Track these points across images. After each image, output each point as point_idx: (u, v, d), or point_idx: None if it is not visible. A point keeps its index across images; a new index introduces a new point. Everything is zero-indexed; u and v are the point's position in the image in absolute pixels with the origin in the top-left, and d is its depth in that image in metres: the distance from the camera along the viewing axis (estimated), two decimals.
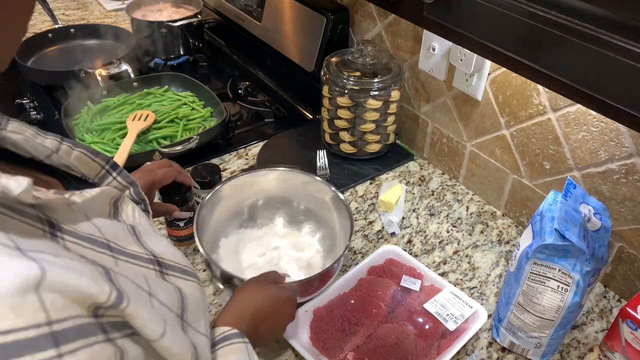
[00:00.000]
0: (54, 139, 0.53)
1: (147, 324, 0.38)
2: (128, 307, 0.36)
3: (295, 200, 0.95)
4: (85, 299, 0.33)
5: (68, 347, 0.31)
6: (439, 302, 0.82)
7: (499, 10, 0.55)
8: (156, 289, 0.43)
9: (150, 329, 0.38)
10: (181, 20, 1.47)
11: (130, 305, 0.36)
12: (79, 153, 0.54)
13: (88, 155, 0.55)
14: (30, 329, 0.29)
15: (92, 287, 0.34)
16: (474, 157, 1.07)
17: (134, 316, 0.37)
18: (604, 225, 0.72)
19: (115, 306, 0.35)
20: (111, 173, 0.56)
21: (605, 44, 0.47)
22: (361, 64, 1.07)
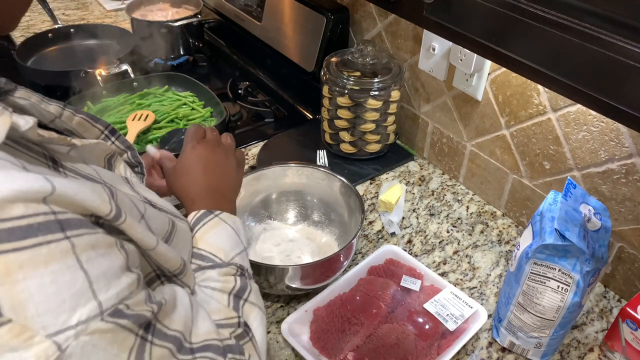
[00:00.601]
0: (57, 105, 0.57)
1: (142, 236, 0.43)
2: (124, 222, 0.41)
3: (307, 194, 0.98)
4: (87, 210, 0.37)
5: (73, 232, 0.35)
6: (439, 302, 0.82)
7: (499, 10, 0.55)
8: (150, 215, 0.49)
9: (145, 240, 0.43)
10: (181, 20, 1.47)
11: (127, 221, 0.41)
12: (80, 119, 0.59)
13: (88, 121, 0.60)
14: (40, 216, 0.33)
15: (96, 201, 0.38)
16: (474, 157, 1.07)
17: (130, 230, 0.41)
18: (604, 225, 0.72)
19: (114, 220, 0.40)
20: (110, 137, 0.62)
21: (605, 44, 0.47)
22: (361, 64, 1.07)
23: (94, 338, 0.34)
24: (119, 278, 0.37)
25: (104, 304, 0.35)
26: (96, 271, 0.35)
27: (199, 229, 0.61)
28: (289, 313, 0.81)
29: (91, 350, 0.34)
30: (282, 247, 0.93)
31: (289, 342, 0.77)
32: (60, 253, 0.33)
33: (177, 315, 0.44)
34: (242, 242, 0.62)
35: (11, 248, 0.31)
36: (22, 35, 1.59)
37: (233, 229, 0.62)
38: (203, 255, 0.58)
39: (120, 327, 0.36)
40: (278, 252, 0.91)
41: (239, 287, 0.56)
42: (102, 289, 0.35)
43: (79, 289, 0.34)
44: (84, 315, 0.33)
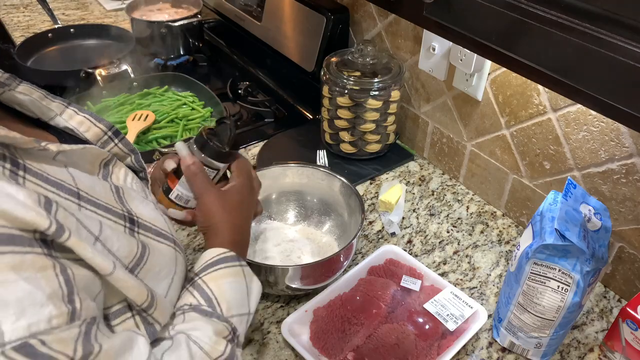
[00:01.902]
0: (60, 102, 0.55)
1: (94, 259, 0.40)
2: (69, 240, 0.38)
3: (307, 194, 0.98)
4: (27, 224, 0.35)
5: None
6: (439, 302, 0.82)
7: (499, 10, 0.55)
8: (109, 236, 0.45)
9: (98, 264, 0.41)
10: (181, 20, 1.47)
11: (72, 239, 0.38)
12: (82, 118, 0.56)
13: (91, 120, 0.57)
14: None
15: (31, 215, 0.36)
16: (474, 157, 1.07)
17: (78, 249, 0.39)
18: (604, 225, 0.72)
19: (57, 237, 0.37)
20: (113, 139, 0.59)
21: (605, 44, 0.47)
22: (361, 64, 1.07)
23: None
24: (41, 307, 0.33)
25: (7, 335, 0.30)
26: (9, 296, 0.31)
27: (219, 269, 0.57)
28: (289, 313, 0.81)
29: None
30: (282, 247, 0.93)
31: (289, 342, 0.77)
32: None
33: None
34: (249, 307, 0.58)
35: None
36: (22, 35, 1.59)
37: (247, 289, 0.58)
38: (208, 296, 0.54)
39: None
40: (278, 252, 0.91)
41: (225, 356, 0.52)
42: (9, 317, 0.31)
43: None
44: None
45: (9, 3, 1.85)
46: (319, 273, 0.83)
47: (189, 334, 0.51)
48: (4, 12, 1.79)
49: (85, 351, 0.35)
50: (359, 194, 0.89)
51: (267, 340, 0.80)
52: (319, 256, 0.91)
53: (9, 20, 1.74)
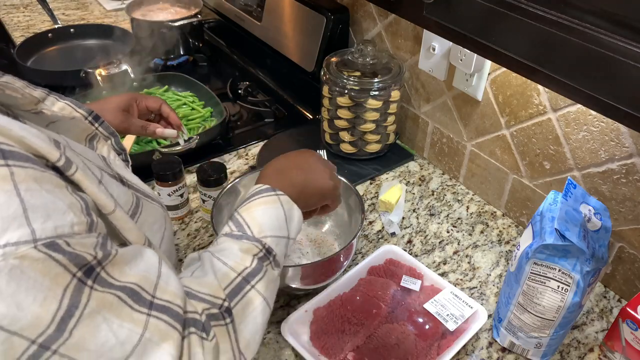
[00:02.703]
0: (42, 90, 0.58)
1: (98, 195, 0.43)
2: (76, 174, 0.41)
3: None
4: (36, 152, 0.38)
5: (16, 162, 0.35)
6: (439, 302, 0.82)
7: (499, 10, 0.55)
8: (109, 182, 0.48)
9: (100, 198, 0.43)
10: (181, 20, 1.47)
11: (78, 173, 0.41)
12: (63, 104, 0.60)
13: (72, 106, 0.60)
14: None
15: (43, 147, 0.38)
16: (474, 157, 1.07)
17: (84, 185, 0.41)
18: (604, 225, 0.72)
19: (65, 169, 0.40)
20: (94, 124, 0.62)
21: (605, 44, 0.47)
22: (361, 64, 1.07)
23: (24, 264, 0.33)
24: (63, 214, 0.36)
25: (37, 233, 0.34)
26: (35, 201, 0.34)
27: (254, 200, 0.58)
28: (289, 313, 0.81)
29: (20, 275, 0.33)
30: None
31: (289, 342, 0.77)
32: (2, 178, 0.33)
33: (132, 270, 0.42)
34: (288, 230, 0.59)
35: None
36: (22, 35, 1.59)
37: (285, 214, 0.59)
38: (239, 222, 0.56)
39: (54, 260, 0.34)
40: None
41: (251, 269, 0.53)
42: (38, 219, 0.34)
43: (11, 213, 0.33)
44: (14, 238, 0.33)
45: (9, 3, 1.85)
46: (319, 273, 0.83)
47: (215, 253, 0.53)
48: (4, 12, 1.79)
49: (104, 253, 0.39)
50: (359, 194, 0.89)
51: (267, 340, 0.80)
52: (319, 256, 0.91)
53: (9, 20, 1.74)
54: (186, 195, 0.99)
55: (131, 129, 0.87)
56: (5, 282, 0.32)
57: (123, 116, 0.85)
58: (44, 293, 0.34)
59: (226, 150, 1.19)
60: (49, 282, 0.34)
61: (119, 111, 0.85)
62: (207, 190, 0.94)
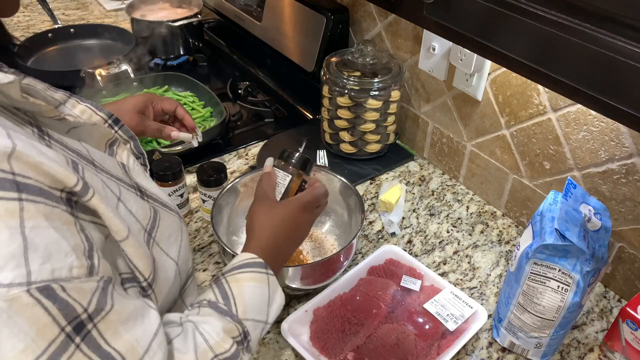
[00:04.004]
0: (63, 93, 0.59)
1: (113, 221, 0.42)
2: (92, 199, 0.40)
3: None
4: (56, 181, 0.37)
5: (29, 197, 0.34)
6: (439, 302, 0.82)
7: (499, 10, 0.55)
8: (127, 198, 0.47)
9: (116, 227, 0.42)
10: (181, 20, 1.47)
11: (95, 198, 0.40)
12: (84, 107, 0.60)
13: (92, 109, 0.61)
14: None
15: (60, 172, 0.37)
16: (474, 157, 1.07)
17: (100, 210, 0.40)
18: (604, 225, 0.72)
19: (82, 194, 0.39)
20: (113, 127, 0.62)
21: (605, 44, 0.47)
22: (361, 64, 1.07)
23: (12, 308, 0.31)
24: (65, 256, 0.35)
25: (33, 275, 0.32)
26: (38, 241, 0.33)
27: (244, 273, 0.58)
28: (289, 313, 0.81)
29: (6, 320, 0.31)
30: None
31: (289, 342, 0.77)
32: (5, 212, 0.32)
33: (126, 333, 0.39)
34: (267, 315, 0.58)
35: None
36: (22, 35, 1.59)
37: (269, 298, 0.59)
38: (227, 295, 0.55)
39: (43, 308, 0.33)
40: None
41: (228, 354, 0.52)
42: (37, 260, 0.33)
43: (11, 251, 0.32)
44: (8, 279, 0.31)
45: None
46: (319, 273, 0.83)
47: (198, 325, 0.52)
48: None
49: (98, 305, 0.37)
50: (359, 194, 0.89)
51: (267, 340, 0.80)
52: (319, 256, 0.91)
53: (9, 20, 1.74)
54: (186, 195, 0.99)
55: (147, 132, 0.86)
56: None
57: (139, 118, 0.84)
58: (25, 343, 0.32)
59: (226, 150, 1.19)
60: (35, 333, 0.33)
61: (135, 113, 0.84)
62: (207, 190, 0.94)
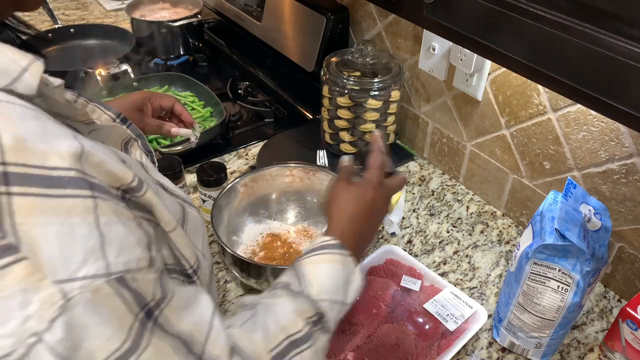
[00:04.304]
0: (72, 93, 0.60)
1: (163, 213, 0.43)
2: (147, 193, 0.41)
3: (307, 194, 0.98)
4: (115, 179, 0.38)
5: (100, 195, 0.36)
6: (439, 302, 0.82)
7: (499, 10, 0.55)
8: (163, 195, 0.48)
9: (167, 218, 0.44)
10: (181, 20, 1.47)
11: (148, 192, 0.41)
12: (93, 106, 0.62)
13: (101, 108, 0.62)
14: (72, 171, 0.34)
15: (119, 169, 0.38)
16: (474, 157, 1.07)
17: (152, 203, 0.42)
18: (604, 225, 0.72)
19: (137, 190, 0.40)
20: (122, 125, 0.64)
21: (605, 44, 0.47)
22: (361, 64, 1.07)
23: (97, 298, 0.33)
24: (133, 249, 0.37)
25: (112, 267, 0.34)
26: (112, 235, 0.35)
27: (320, 255, 0.57)
28: None
29: (92, 310, 0.33)
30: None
31: None
32: (83, 209, 0.34)
33: (188, 316, 0.41)
34: (345, 295, 0.57)
35: (39, 193, 0.32)
36: None
37: (346, 279, 0.57)
38: (301, 276, 0.55)
39: (121, 297, 0.35)
40: None
41: (300, 335, 0.51)
42: (112, 253, 0.35)
43: (91, 246, 0.34)
44: (92, 271, 0.33)
45: None
46: None
47: (270, 307, 0.52)
48: None
49: (162, 294, 0.39)
50: None
51: None
52: None
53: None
54: None
55: (147, 129, 0.87)
56: (80, 314, 0.33)
57: (139, 115, 0.85)
58: (112, 330, 0.34)
59: (226, 150, 1.19)
60: (117, 321, 0.35)
61: (134, 110, 0.85)
62: (207, 190, 0.94)
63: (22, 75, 0.36)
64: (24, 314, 0.31)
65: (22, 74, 0.36)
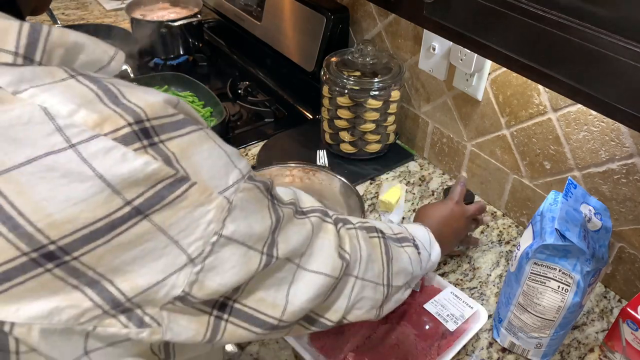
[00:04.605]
0: None
1: None
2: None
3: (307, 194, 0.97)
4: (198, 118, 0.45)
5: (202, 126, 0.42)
6: (439, 302, 0.82)
7: (499, 10, 0.55)
8: None
9: None
10: (181, 20, 1.47)
11: None
12: None
13: None
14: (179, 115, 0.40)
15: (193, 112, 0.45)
16: (474, 157, 1.07)
17: None
18: (604, 225, 0.72)
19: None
20: None
21: (605, 44, 0.47)
22: (361, 63, 1.07)
23: (246, 194, 0.42)
24: (241, 156, 0.45)
25: (242, 171, 0.43)
26: (228, 150, 0.43)
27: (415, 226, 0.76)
28: None
29: (247, 203, 0.42)
30: None
31: (288, 343, 0.77)
32: (205, 136, 0.41)
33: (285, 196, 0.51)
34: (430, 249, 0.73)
35: (178, 134, 0.39)
36: None
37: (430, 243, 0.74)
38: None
39: (257, 187, 0.43)
40: None
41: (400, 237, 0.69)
42: (237, 161, 0.43)
43: (225, 161, 0.42)
44: (235, 178, 0.41)
45: None
46: None
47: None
48: None
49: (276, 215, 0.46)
50: (359, 194, 0.89)
51: (267, 340, 0.80)
52: None
53: None
54: None
55: None
56: (240, 210, 0.41)
57: None
58: (261, 213, 0.44)
59: None
60: (260, 206, 0.44)
61: None
62: None
63: (110, 63, 0.43)
64: (206, 219, 0.39)
65: (110, 62, 0.43)
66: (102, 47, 0.43)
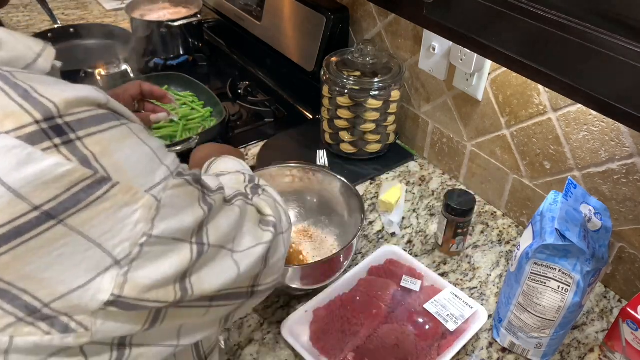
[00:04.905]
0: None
1: None
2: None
3: (307, 194, 0.98)
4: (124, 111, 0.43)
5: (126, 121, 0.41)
6: (439, 302, 0.82)
7: (500, 10, 0.55)
8: None
9: None
10: (181, 20, 1.47)
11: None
12: None
13: None
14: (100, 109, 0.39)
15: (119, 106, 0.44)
16: (475, 157, 1.07)
17: None
18: (604, 225, 0.72)
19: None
20: None
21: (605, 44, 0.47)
22: (361, 63, 1.07)
23: (175, 191, 0.41)
24: (168, 152, 0.44)
25: (170, 167, 0.42)
26: (154, 145, 0.42)
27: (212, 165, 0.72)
28: (289, 313, 0.81)
29: (177, 200, 0.41)
30: None
31: (289, 343, 0.77)
32: (128, 132, 0.40)
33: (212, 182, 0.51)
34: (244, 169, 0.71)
35: (97, 130, 0.37)
36: None
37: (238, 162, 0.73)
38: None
39: (187, 182, 0.43)
40: None
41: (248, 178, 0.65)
42: (163, 157, 0.42)
43: (151, 157, 0.40)
44: (162, 175, 0.40)
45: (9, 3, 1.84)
46: (319, 273, 0.83)
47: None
48: (4, 11, 1.79)
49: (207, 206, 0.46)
50: (359, 194, 0.89)
51: (267, 340, 0.80)
52: (319, 256, 0.91)
53: (9, 20, 1.74)
54: None
55: None
56: (170, 208, 0.40)
57: None
58: (192, 207, 0.43)
59: None
60: (190, 200, 0.43)
61: None
62: None
63: (36, 60, 0.41)
64: (133, 220, 0.38)
65: (36, 59, 0.41)
66: (26, 43, 0.41)
